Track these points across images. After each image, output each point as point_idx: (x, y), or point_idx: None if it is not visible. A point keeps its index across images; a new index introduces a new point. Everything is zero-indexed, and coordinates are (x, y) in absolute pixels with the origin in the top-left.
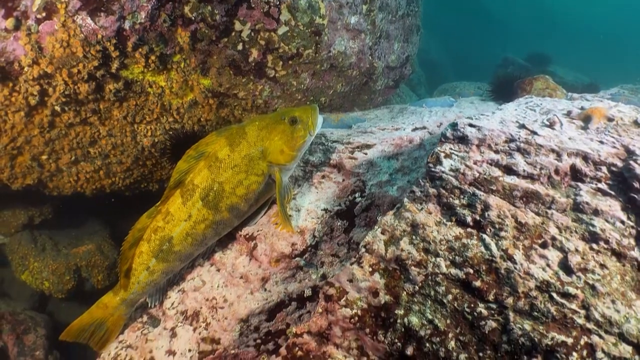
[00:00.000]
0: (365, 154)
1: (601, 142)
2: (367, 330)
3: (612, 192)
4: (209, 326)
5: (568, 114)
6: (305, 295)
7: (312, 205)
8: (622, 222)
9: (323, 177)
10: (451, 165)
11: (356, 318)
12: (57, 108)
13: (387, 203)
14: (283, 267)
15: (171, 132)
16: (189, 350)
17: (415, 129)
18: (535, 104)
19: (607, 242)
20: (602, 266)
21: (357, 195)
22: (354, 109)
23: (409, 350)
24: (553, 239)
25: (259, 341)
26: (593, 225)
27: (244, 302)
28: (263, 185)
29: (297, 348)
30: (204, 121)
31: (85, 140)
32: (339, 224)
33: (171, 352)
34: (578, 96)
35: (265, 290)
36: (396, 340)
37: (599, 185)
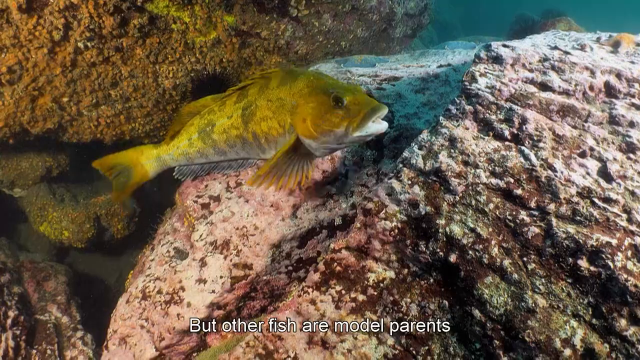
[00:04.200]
0: (393, 85)
1: (632, 63)
2: (408, 242)
3: None
4: (240, 253)
5: (597, 40)
6: (335, 223)
7: None
8: None
9: None
10: (487, 82)
11: (396, 230)
12: (81, 45)
13: (415, 136)
14: (314, 194)
15: (193, 74)
16: (220, 277)
17: (440, 65)
18: (563, 34)
19: None
20: None
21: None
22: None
23: (452, 258)
24: (591, 149)
25: (290, 268)
26: (629, 137)
27: (276, 228)
28: (281, 138)
29: (335, 264)
30: (225, 62)
31: (107, 81)
32: (368, 153)
33: (201, 280)
34: (603, 32)
35: (297, 217)
36: (438, 250)
37: (633, 100)
